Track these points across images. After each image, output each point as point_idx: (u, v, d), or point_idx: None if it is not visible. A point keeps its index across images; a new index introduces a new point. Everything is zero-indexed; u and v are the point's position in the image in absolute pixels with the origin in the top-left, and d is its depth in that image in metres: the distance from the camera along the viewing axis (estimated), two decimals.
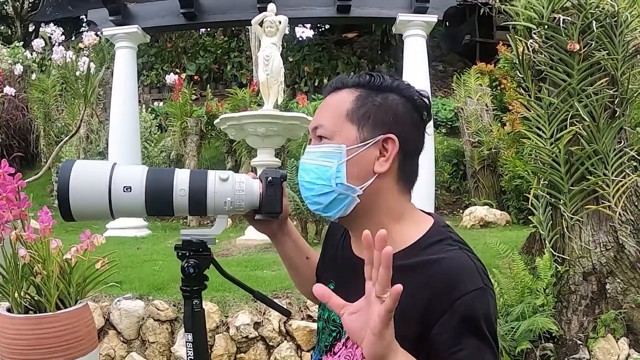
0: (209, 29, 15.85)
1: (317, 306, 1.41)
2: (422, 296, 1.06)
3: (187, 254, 1.28)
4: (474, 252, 1.16)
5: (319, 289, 0.95)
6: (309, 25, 17.20)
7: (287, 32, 14.12)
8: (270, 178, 1.27)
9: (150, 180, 1.20)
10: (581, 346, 3.51)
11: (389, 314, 0.87)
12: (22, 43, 11.92)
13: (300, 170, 1.22)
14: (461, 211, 8.07)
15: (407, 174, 1.20)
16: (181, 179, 1.22)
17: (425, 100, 1.21)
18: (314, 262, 1.52)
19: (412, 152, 1.20)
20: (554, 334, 3.52)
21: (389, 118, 1.16)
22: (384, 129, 1.15)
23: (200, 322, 1.28)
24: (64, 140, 4.27)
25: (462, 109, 8.59)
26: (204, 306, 1.30)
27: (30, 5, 15.83)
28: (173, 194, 1.21)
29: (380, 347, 0.91)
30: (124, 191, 1.18)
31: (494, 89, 9.48)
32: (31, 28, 16.44)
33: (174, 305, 3.81)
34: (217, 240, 5.83)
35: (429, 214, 1.26)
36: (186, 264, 1.26)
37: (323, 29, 17.30)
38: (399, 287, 0.83)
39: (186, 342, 1.27)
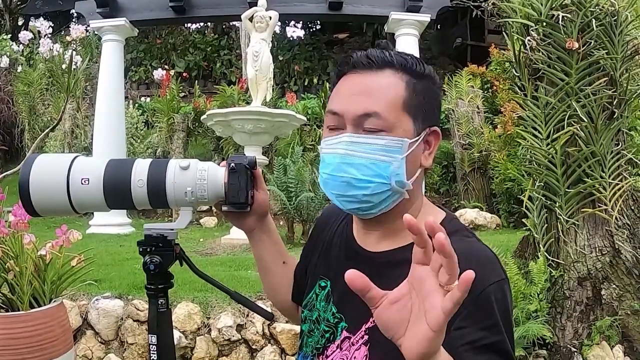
0: (199, 26, 15.73)
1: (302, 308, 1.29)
2: None
3: (149, 250, 1.18)
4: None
5: (355, 277, 0.75)
6: (299, 25, 17.17)
7: (277, 30, 14.13)
8: (233, 165, 1.14)
9: (109, 172, 1.13)
10: (575, 353, 3.42)
11: (456, 307, 0.72)
12: (9, 36, 11.72)
13: (342, 165, 1.06)
14: None
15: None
16: (140, 169, 1.13)
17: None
18: (290, 270, 1.40)
19: None
20: (547, 341, 3.43)
21: (433, 109, 1.12)
22: (430, 121, 1.10)
23: (166, 323, 1.17)
24: (44, 132, 4.14)
25: (453, 110, 8.49)
26: (185, 307, 1.19)
27: None
28: (131, 185, 1.12)
29: (436, 345, 0.75)
30: (82, 184, 1.11)
31: (485, 91, 9.41)
32: (21, 22, 16.22)
33: None
34: (201, 239, 5.71)
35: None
36: (148, 260, 1.16)
37: (314, 28, 17.25)
38: (470, 274, 0.69)
39: (149, 344, 1.17)
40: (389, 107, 1.05)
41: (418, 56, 1.18)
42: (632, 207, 3.68)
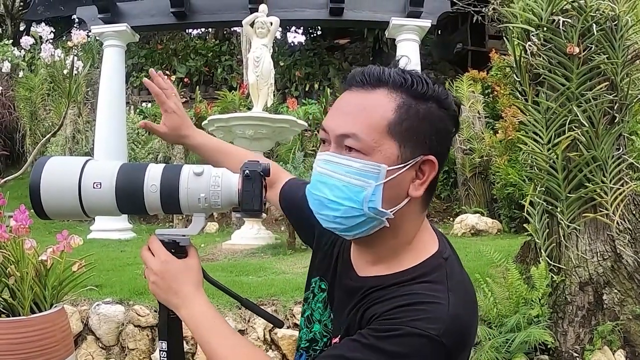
0: (200, 32, 15.76)
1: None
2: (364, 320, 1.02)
3: None
4: (470, 299, 1.04)
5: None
6: (300, 30, 17.18)
7: (278, 36, 14.15)
8: (247, 172, 1.12)
9: (121, 176, 1.11)
10: (577, 358, 3.41)
11: None
12: (11, 41, 11.75)
13: (318, 183, 1.04)
14: (452, 219, 7.98)
15: (431, 193, 1.07)
16: (153, 173, 1.12)
17: (457, 109, 1.07)
18: (235, 157, 1.54)
19: (440, 169, 1.06)
20: (549, 346, 3.42)
21: (430, 136, 1.01)
22: (424, 149, 1.01)
23: (177, 329, 1.16)
24: (46, 137, 4.15)
25: None
26: None
27: (21, 3, 15.64)
28: (144, 190, 1.11)
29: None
30: (94, 188, 1.10)
31: (486, 96, 9.41)
32: (22, 27, 16.26)
33: (155, 311, 3.67)
34: (202, 245, 5.70)
35: (440, 235, 1.13)
36: None
37: (315, 34, 17.26)
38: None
39: (160, 350, 1.17)
40: (370, 129, 0.99)
41: (419, 62, 1.13)
42: (634, 212, 3.68)
